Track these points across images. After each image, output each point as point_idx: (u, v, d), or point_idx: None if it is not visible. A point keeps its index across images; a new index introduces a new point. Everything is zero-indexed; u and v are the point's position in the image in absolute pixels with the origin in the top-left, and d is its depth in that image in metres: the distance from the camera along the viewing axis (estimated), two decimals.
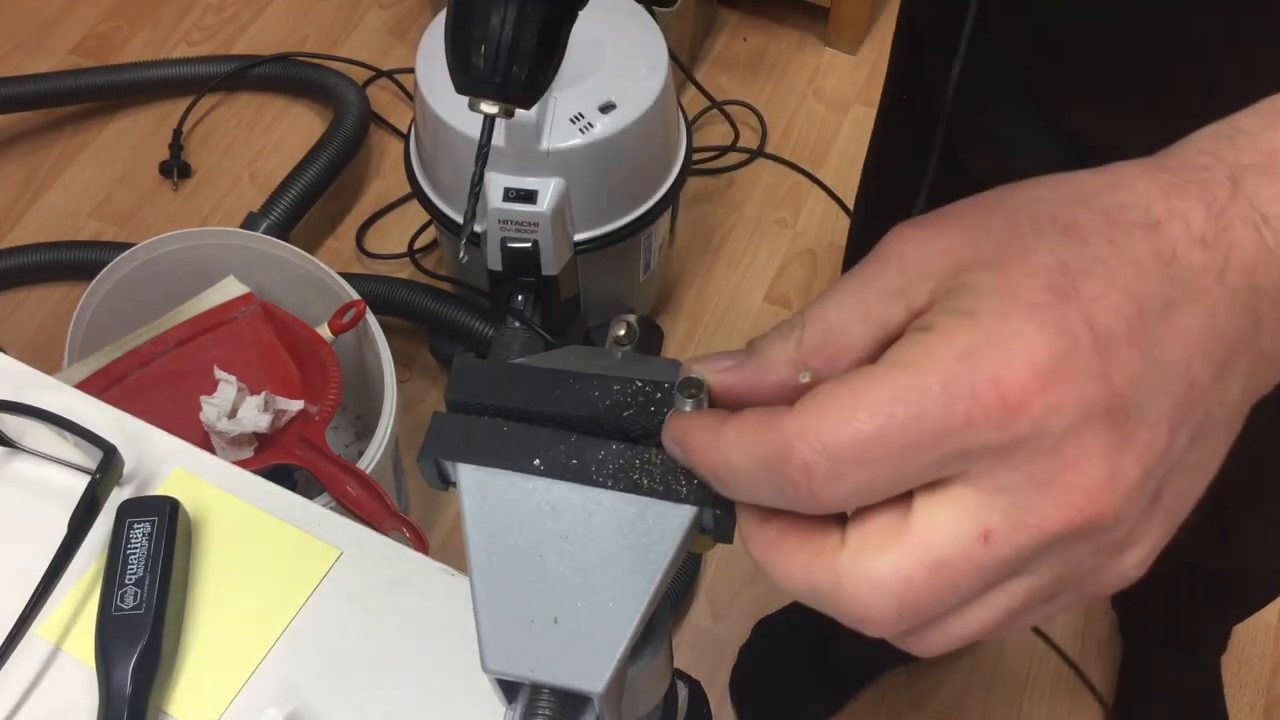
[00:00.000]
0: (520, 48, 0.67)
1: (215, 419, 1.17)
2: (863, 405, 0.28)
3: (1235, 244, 0.30)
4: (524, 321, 1.39)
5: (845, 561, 0.30)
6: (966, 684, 1.46)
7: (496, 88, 0.69)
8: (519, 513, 0.37)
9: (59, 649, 0.60)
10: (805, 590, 0.31)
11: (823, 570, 0.31)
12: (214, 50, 2.02)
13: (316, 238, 1.81)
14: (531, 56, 0.68)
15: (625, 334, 0.44)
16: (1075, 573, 0.30)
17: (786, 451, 0.29)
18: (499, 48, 0.67)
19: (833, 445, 0.29)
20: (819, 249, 1.81)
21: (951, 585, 0.29)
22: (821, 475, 0.29)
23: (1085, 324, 0.28)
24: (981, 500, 0.29)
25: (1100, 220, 0.30)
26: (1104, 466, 0.28)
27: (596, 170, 1.33)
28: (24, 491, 0.65)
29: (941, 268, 0.30)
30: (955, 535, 0.29)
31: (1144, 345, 0.28)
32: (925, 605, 0.30)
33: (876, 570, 0.30)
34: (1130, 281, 0.29)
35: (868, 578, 0.30)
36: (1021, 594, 0.30)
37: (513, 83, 0.69)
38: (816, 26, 2.04)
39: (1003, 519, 0.29)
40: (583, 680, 0.34)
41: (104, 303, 1.30)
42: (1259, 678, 1.47)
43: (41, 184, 1.87)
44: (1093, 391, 0.28)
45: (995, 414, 0.27)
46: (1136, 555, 0.31)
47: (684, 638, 1.48)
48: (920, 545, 0.29)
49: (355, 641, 0.60)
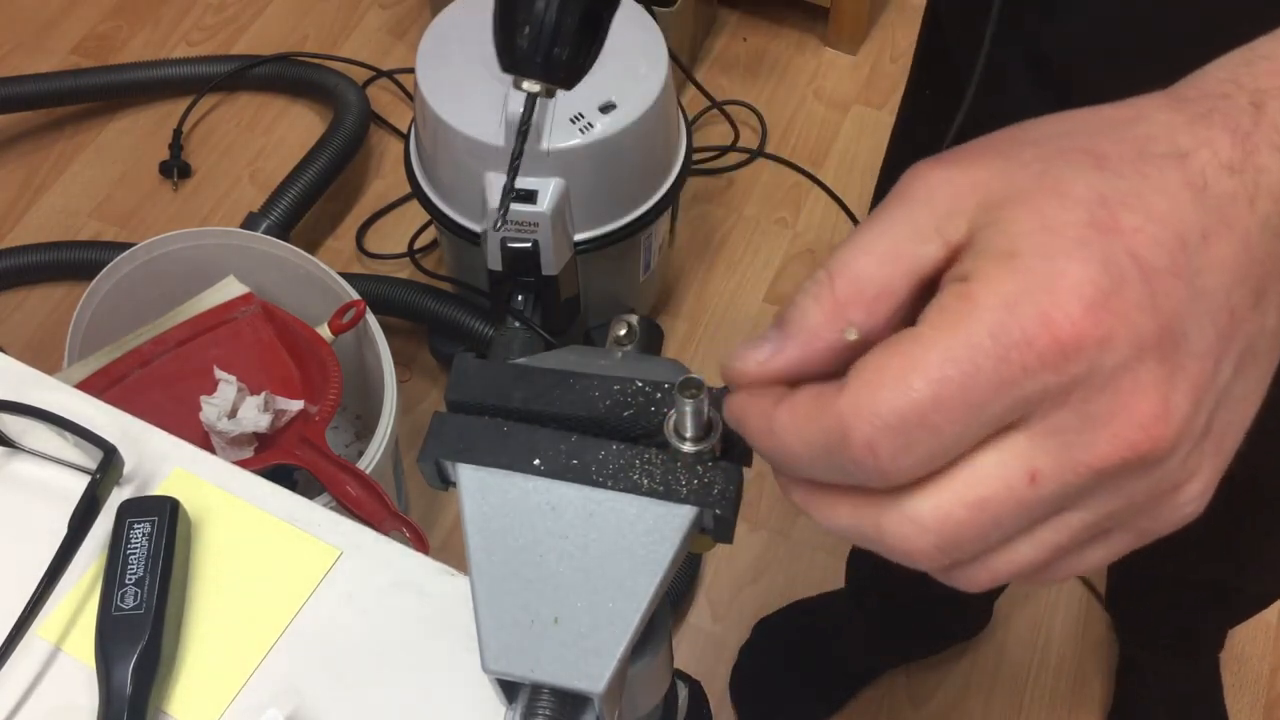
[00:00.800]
0: (563, 30, 0.70)
1: (215, 419, 1.17)
2: (916, 371, 0.28)
3: (1263, 169, 0.29)
4: (524, 321, 1.39)
5: (886, 501, 0.30)
6: (966, 684, 1.46)
7: (539, 68, 0.72)
8: (519, 513, 0.37)
9: (59, 649, 0.60)
10: (850, 531, 0.31)
11: (865, 512, 0.30)
12: (214, 50, 2.02)
13: (316, 238, 1.81)
14: (574, 39, 0.71)
15: (625, 334, 0.44)
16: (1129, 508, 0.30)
17: (845, 433, 0.29)
18: (542, 29, 0.70)
19: (892, 418, 0.28)
20: (819, 249, 1.81)
21: (993, 521, 0.29)
22: (887, 451, 0.28)
23: (1130, 257, 0.28)
24: (1033, 443, 0.28)
25: (1130, 151, 0.29)
26: (1158, 399, 0.28)
27: (596, 170, 1.33)
28: (24, 491, 0.65)
29: (973, 203, 0.29)
30: (1000, 475, 0.29)
31: (1187, 276, 0.28)
32: (966, 541, 0.29)
33: (918, 510, 0.29)
34: (1167, 212, 0.28)
35: (909, 517, 0.29)
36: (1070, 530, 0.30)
37: (555, 63, 0.72)
38: (816, 26, 2.04)
39: (1052, 460, 0.28)
40: (583, 680, 0.34)
41: (104, 303, 1.30)
42: (1259, 678, 1.47)
43: (41, 184, 1.87)
44: (1143, 324, 0.27)
45: (1051, 356, 0.27)
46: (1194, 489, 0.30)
47: (684, 638, 1.48)
48: (962, 485, 0.29)
49: (355, 641, 0.60)
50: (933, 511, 0.29)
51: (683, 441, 0.36)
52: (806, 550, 1.53)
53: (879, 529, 0.30)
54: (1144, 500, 0.30)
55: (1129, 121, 0.30)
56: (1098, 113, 0.31)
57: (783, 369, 0.31)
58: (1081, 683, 1.47)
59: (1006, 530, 0.29)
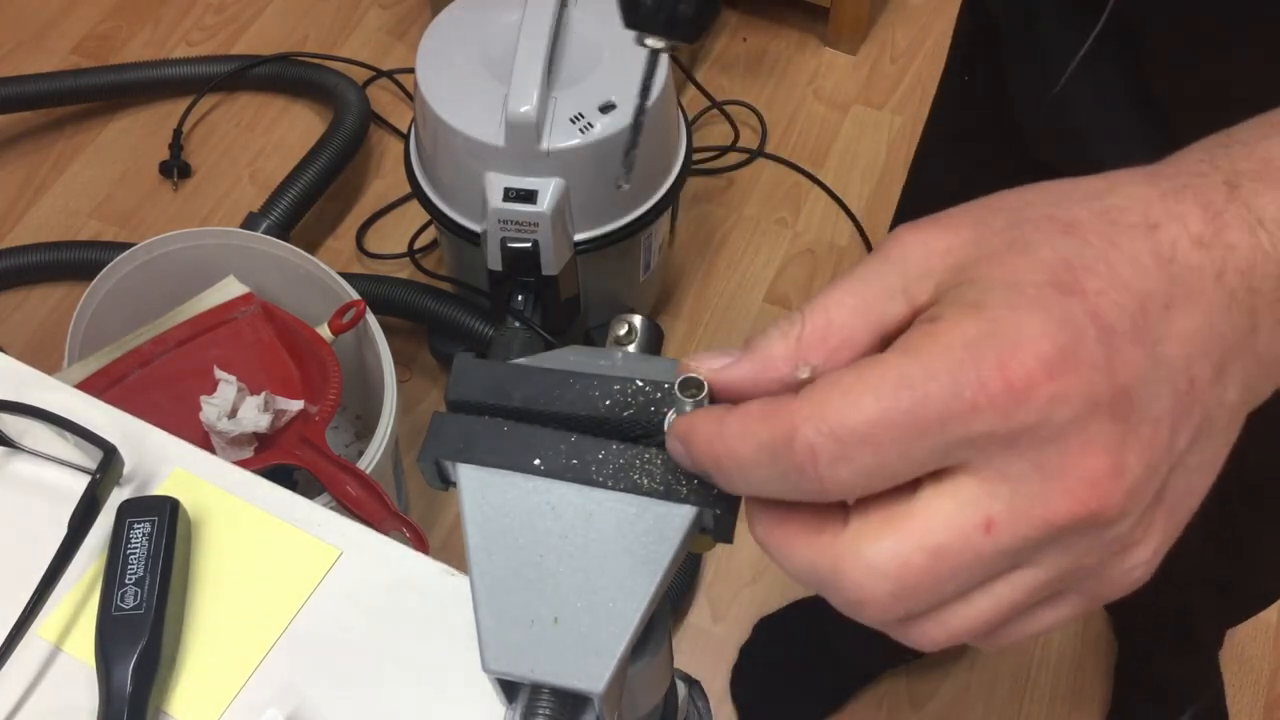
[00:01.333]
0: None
1: (215, 419, 1.17)
2: (869, 389, 0.29)
3: (1232, 245, 0.30)
4: (524, 321, 1.39)
5: (845, 544, 0.30)
6: (966, 684, 1.46)
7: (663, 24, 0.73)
8: (519, 513, 0.37)
9: (59, 649, 0.60)
10: (806, 571, 0.31)
11: (823, 552, 0.31)
12: (214, 50, 2.02)
13: (316, 238, 1.81)
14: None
15: (626, 333, 0.44)
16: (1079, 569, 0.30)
17: (791, 435, 0.29)
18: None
19: (838, 427, 0.29)
20: (819, 249, 1.81)
21: (950, 572, 0.29)
22: (827, 458, 0.29)
23: (1090, 318, 0.28)
24: (985, 489, 0.29)
25: (1100, 221, 0.30)
26: (1108, 458, 0.28)
27: (596, 170, 1.33)
28: (24, 491, 0.65)
29: (944, 266, 0.30)
30: (956, 523, 0.29)
31: (1147, 342, 0.29)
32: (923, 591, 0.30)
33: (874, 554, 0.30)
34: (1132, 279, 0.29)
35: (866, 560, 0.30)
36: (1024, 587, 0.30)
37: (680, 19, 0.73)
38: (816, 26, 2.04)
39: (1006, 508, 0.29)
40: (583, 680, 0.34)
41: (104, 303, 1.30)
42: (1259, 678, 1.47)
43: (41, 184, 1.87)
44: (1098, 383, 0.28)
45: (1001, 401, 0.28)
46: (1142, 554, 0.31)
47: (684, 638, 1.48)
48: (920, 531, 0.29)
49: (355, 641, 0.60)
50: (890, 557, 0.29)
51: None
52: None
53: (836, 572, 0.30)
54: (1093, 561, 0.30)
55: (1102, 192, 0.31)
56: (1074, 184, 0.32)
57: (732, 381, 0.33)
58: (1081, 683, 1.47)
59: (963, 582, 0.30)
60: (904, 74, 2.01)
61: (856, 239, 1.81)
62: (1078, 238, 0.29)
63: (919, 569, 0.29)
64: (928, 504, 0.29)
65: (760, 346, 0.33)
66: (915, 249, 0.31)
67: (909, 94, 1.98)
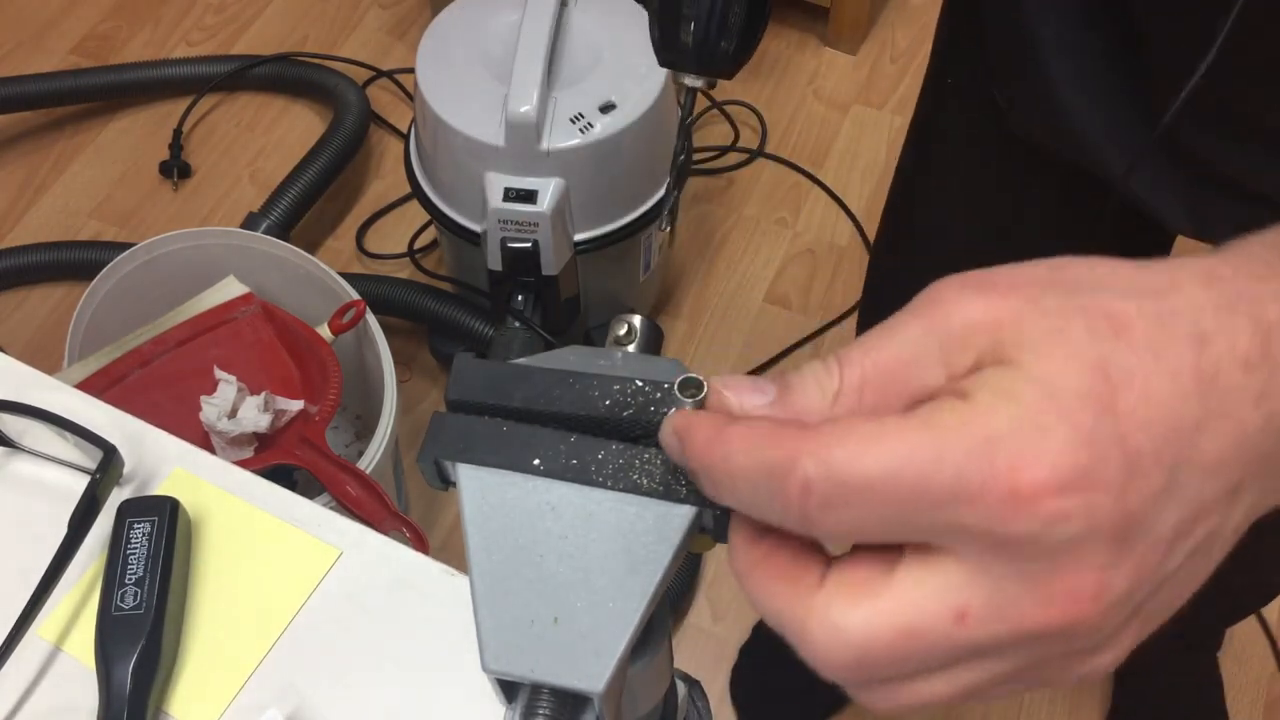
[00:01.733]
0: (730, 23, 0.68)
1: (215, 419, 1.17)
2: (880, 448, 0.28)
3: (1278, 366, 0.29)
4: (524, 321, 1.39)
5: (818, 601, 0.30)
6: None
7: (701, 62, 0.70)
8: (519, 513, 0.37)
9: (59, 649, 0.60)
10: (774, 618, 0.31)
11: (795, 604, 0.31)
12: (214, 50, 2.02)
13: (316, 238, 1.81)
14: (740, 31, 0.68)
15: (626, 333, 0.44)
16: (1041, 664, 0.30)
17: (792, 464, 0.29)
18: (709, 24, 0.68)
19: (838, 473, 0.28)
20: (819, 249, 1.81)
21: (915, 654, 0.29)
22: (819, 498, 0.29)
23: (1118, 441, 0.28)
24: (966, 579, 0.29)
25: (1151, 325, 0.29)
26: (1096, 579, 0.28)
27: (596, 170, 1.33)
28: (24, 491, 0.65)
29: (986, 341, 0.30)
30: (931, 607, 0.29)
31: (1169, 465, 0.28)
32: (884, 666, 0.30)
33: (844, 620, 0.30)
34: (1168, 399, 0.28)
35: (835, 624, 0.30)
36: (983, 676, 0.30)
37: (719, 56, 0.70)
38: (816, 26, 2.04)
39: (983, 604, 0.29)
40: (582, 680, 0.34)
41: (104, 303, 1.30)
42: (1259, 678, 1.47)
43: (41, 184, 1.87)
44: (1106, 509, 0.27)
45: (1001, 504, 0.27)
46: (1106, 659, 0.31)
47: (684, 638, 1.48)
48: (894, 607, 0.29)
49: (355, 641, 0.60)
50: (860, 627, 0.29)
51: None
52: None
53: (803, 628, 0.30)
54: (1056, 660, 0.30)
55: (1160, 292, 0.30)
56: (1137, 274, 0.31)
57: None
58: (1081, 682, 1.47)
59: (925, 664, 0.30)
60: (904, 74, 2.01)
61: (856, 239, 1.81)
62: (1125, 343, 0.29)
63: (885, 645, 0.29)
64: (906, 579, 0.29)
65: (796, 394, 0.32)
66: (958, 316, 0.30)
67: (909, 94, 1.98)
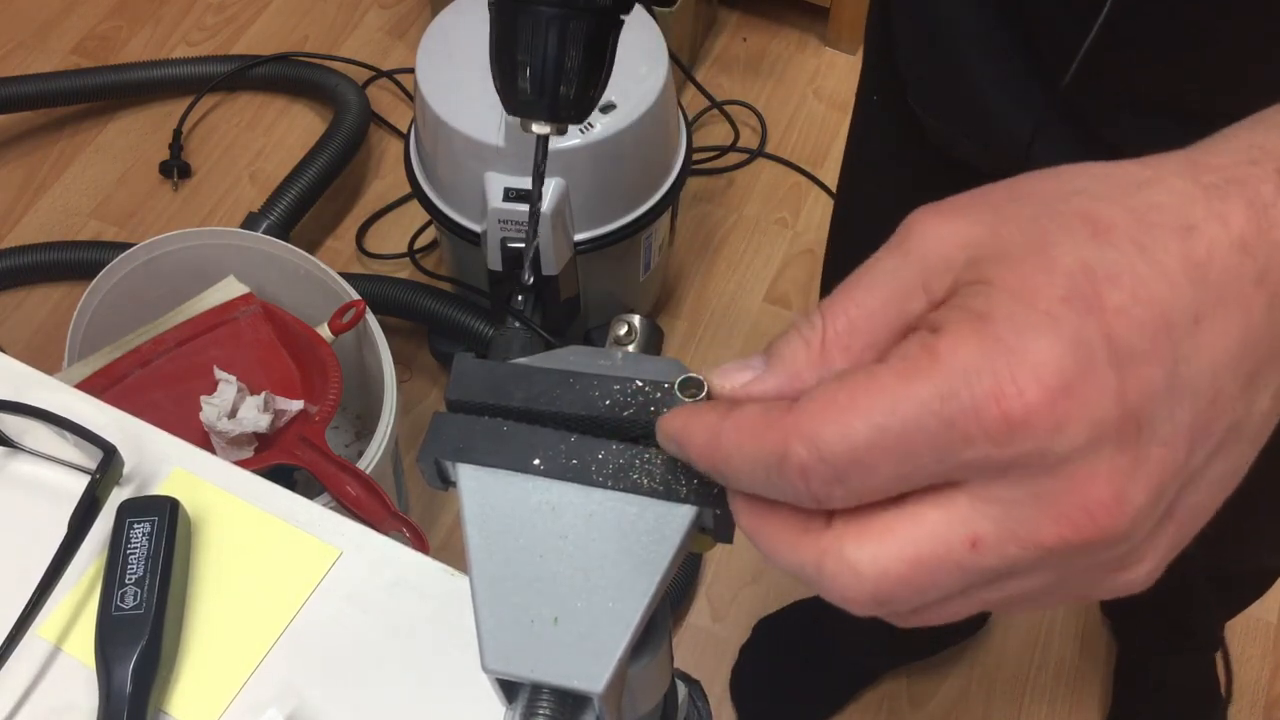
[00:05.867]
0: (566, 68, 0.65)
1: (215, 419, 1.17)
2: (861, 412, 0.28)
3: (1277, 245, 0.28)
4: (524, 321, 1.39)
5: (828, 542, 0.30)
6: (966, 684, 1.46)
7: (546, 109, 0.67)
8: (519, 513, 0.37)
9: (59, 649, 0.60)
10: (791, 565, 0.31)
11: (807, 548, 0.30)
12: (214, 50, 2.02)
13: (316, 238, 1.81)
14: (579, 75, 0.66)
15: (626, 334, 0.44)
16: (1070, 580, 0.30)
17: (784, 453, 0.29)
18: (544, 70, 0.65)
19: (829, 451, 0.28)
20: (819, 249, 1.81)
21: (931, 583, 0.29)
22: (819, 479, 0.29)
23: (1104, 339, 0.27)
24: (975, 508, 0.28)
25: (1132, 221, 0.28)
26: (1110, 488, 0.27)
27: (596, 170, 1.33)
28: (24, 491, 0.65)
29: (961, 259, 0.29)
30: (941, 536, 0.28)
31: (1168, 361, 0.27)
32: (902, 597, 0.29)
33: (856, 557, 0.29)
34: (1158, 292, 0.27)
35: (848, 562, 0.29)
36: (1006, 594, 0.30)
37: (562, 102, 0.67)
38: (816, 26, 2.04)
39: (994, 528, 0.28)
40: (583, 680, 0.34)
41: (104, 303, 1.30)
42: (1259, 678, 1.47)
43: (41, 184, 1.87)
44: (1104, 412, 0.27)
45: (996, 432, 0.27)
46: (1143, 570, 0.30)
47: (684, 638, 1.48)
48: (901, 541, 0.29)
49: (355, 641, 0.60)
50: (871, 563, 0.29)
51: None
52: None
53: (819, 569, 0.30)
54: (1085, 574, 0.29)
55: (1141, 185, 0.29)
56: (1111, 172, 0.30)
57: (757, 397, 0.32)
58: (1081, 683, 1.47)
59: (944, 591, 0.29)
60: None
61: None
62: (1104, 240, 0.28)
63: (898, 578, 0.29)
64: (915, 513, 0.29)
65: (783, 356, 0.31)
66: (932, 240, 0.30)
67: None
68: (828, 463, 0.28)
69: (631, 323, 0.44)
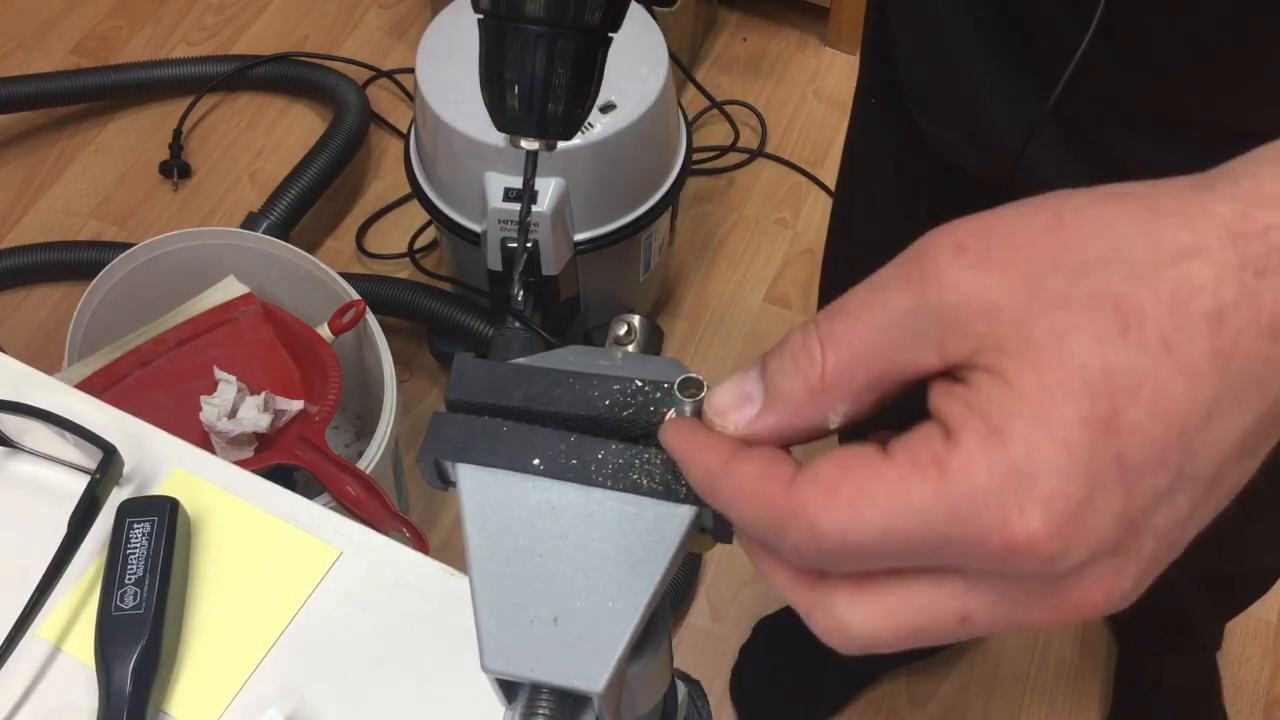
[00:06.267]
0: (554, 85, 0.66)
1: (215, 419, 1.17)
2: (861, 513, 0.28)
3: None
4: (524, 321, 1.39)
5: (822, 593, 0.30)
6: (966, 684, 1.46)
7: (534, 125, 0.68)
8: (519, 513, 0.37)
9: (59, 649, 0.60)
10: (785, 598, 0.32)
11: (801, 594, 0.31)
12: (214, 50, 2.02)
13: (316, 238, 1.81)
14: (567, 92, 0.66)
15: (626, 334, 0.44)
16: None
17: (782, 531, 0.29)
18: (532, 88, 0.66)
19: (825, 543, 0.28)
20: (819, 249, 1.80)
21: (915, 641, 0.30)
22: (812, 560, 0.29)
23: (1115, 460, 0.26)
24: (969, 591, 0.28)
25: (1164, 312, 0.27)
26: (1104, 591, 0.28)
27: (596, 170, 1.33)
28: (24, 491, 0.65)
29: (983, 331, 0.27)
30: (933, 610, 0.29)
31: (1176, 464, 0.27)
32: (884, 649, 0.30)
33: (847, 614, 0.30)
34: (1177, 400, 0.26)
35: (837, 617, 0.30)
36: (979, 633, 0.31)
37: (550, 119, 0.67)
38: (816, 26, 2.04)
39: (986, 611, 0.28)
40: (582, 680, 0.34)
41: (104, 303, 1.30)
42: (1259, 678, 1.47)
43: (41, 184, 1.87)
44: (1107, 533, 0.27)
45: (997, 557, 0.27)
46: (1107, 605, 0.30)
47: (684, 638, 1.48)
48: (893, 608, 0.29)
49: (355, 641, 0.60)
50: (861, 624, 0.29)
51: None
52: None
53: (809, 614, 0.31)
54: None
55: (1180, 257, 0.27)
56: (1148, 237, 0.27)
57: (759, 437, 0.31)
58: (1081, 683, 1.47)
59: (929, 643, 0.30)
60: None
61: None
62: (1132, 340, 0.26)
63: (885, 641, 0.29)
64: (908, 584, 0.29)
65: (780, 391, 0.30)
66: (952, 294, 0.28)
67: None
68: (824, 551, 0.28)
69: (631, 323, 0.44)
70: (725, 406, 0.32)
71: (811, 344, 0.30)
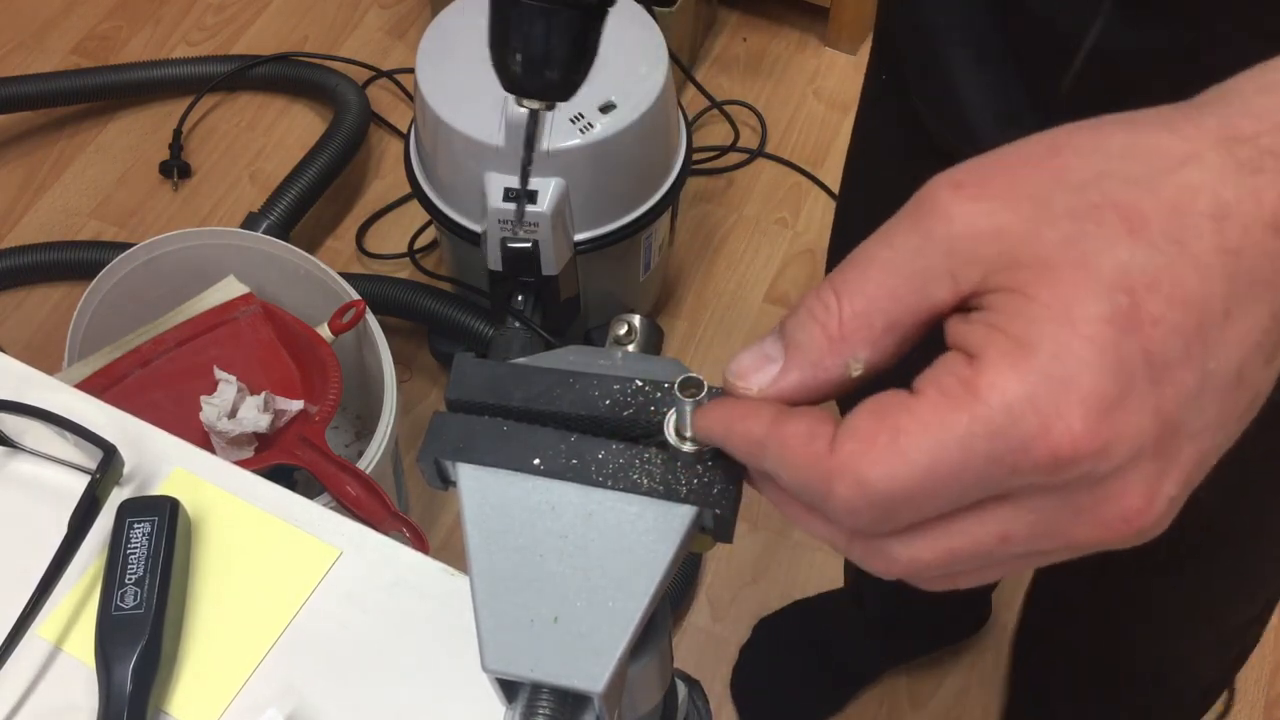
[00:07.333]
0: (553, 55, 0.73)
1: (215, 419, 1.17)
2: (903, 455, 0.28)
3: None
4: (524, 321, 1.39)
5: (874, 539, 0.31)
6: (966, 684, 1.46)
7: (536, 88, 0.76)
8: (519, 512, 0.37)
9: (59, 649, 0.60)
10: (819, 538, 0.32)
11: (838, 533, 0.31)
12: (214, 50, 2.02)
13: (316, 238, 1.81)
14: (564, 61, 0.74)
15: (626, 333, 0.44)
16: None
17: (829, 491, 0.29)
18: (533, 55, 0.73)
19: (875, 496, 0.28)
20: (819, 249, 1.81)
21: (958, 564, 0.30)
22: (866, 518, 0.29)
23: (1143, 355, 0.27)
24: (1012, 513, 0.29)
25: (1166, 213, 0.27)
26: (1145, 496, 0.28)
27: (596, 170, 1.33)
28: (24, 491, 0.65)
29: (994, 252, 0.28)
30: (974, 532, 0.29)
31: (1199, 361, 0.27)
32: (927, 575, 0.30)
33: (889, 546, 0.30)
34: (1193, 291, 0.27)
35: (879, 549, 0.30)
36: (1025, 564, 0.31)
37: (550, 83, 0.76)
38: (816, 26, 2.04)
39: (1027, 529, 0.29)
40: (582, 680, 0.34)
41: (104, 303, 1.30)
42: (1259, 678, 1.47)
43: (41, 184, 1.87)
44: (1144, 430, 0.27)
45: (1045, 465, 0.27)
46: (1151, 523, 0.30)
47: (684, 638, 1.48)
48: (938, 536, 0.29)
49: (355, 641, 0.60)
50: (904, 551, 0.30)
51: (683, 441, 0.36)
52: (806, 550, 1.53)
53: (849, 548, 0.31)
54: None
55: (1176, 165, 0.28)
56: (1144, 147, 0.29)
57: (785, 394, 0.31)
58: None
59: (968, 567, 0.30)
60: None
61: None
62: (1141, 240, 0.27)
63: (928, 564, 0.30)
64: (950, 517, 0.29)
65: (800, 344, 0.31)
66: (959, 223, 0.28)
67: None
68: (876, 506, 0.28)
69: (631, 322, 0.44)
70: (746, 369, 0.32)
71: (826, 296, 0.30)
